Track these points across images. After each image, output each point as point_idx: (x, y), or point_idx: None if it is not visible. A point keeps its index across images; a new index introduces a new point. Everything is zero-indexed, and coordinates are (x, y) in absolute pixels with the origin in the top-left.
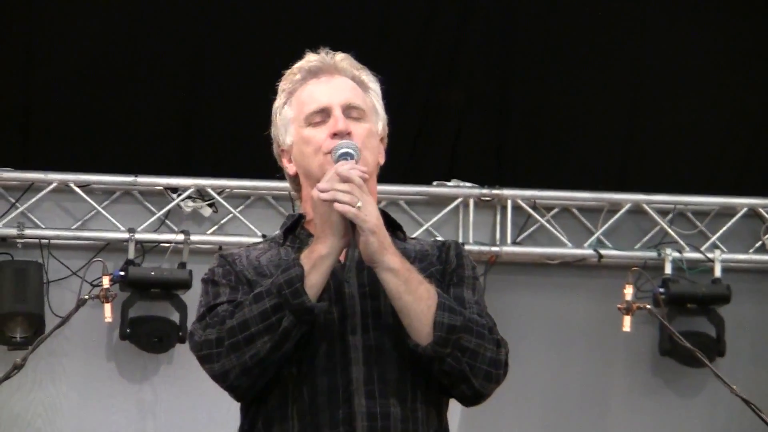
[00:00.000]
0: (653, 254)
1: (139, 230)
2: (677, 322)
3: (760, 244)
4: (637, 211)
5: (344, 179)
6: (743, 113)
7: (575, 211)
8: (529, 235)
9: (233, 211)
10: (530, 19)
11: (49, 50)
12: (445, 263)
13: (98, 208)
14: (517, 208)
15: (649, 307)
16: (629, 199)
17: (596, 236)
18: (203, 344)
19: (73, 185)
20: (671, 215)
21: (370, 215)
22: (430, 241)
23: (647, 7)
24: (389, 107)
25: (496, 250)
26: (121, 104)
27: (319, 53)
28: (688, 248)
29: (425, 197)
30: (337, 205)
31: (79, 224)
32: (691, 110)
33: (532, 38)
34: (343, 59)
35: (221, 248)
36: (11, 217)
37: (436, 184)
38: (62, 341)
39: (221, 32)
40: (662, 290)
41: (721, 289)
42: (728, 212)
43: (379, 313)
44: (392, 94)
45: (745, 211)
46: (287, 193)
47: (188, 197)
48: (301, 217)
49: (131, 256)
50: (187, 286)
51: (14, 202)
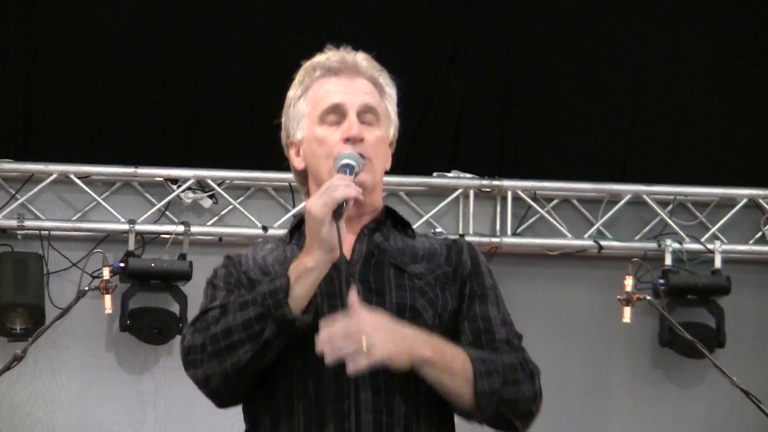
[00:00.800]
0: (653, 245)
1: (139, 221)
2: (677, 313)
3: (760, 234)
4: (637, 201)
5: (344, 335)
6: (744, 104)
7: (575, 202)
8: (529, 226)
9: (233, 202)
10: (531, 10)
11: (50, 42)
12: (455, 265)
13: (98, 199)
14: (517, 199)
15: (649, 298)
16: (629, 189)
17: (596, 227)
18: (189, 349)
19: (73, 176)
20: (671, 206)
21: (380, 348)
22: (439, 238)
23: None
24: None
25: (496, 241)
26: (121, 95)
27: (339, 50)
28: (688, 239)
29: (426, 188)
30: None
31: (79, 215)
32: (691, 101)
33: (533, 30)
34: (364, 59)
35: (221, 239)
36: (11, 208)
37: (436, 175)
38: (62, 332)
39: (222, 24)
40: (662, 281)
41: (721, 280)
42: (728, 203)
43: (383, 310)
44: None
45: (745, 201)
46: (287, 184)
47: (188, 188)
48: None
49: (131, 247)
50: (187, 277)
51: (14, 193)
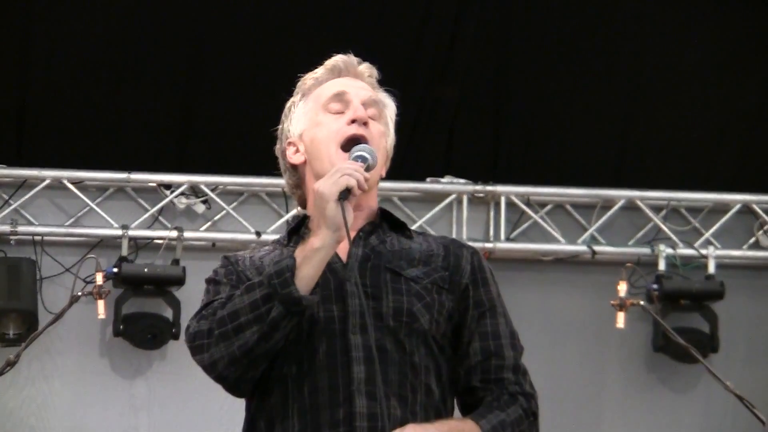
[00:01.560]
0: (647, 250)
1: (132, 227)
2: (671, 318)
3: (753, 240)
4: (630, 207)
5: None
6: (737, 110)
7: (569, 207)
8: (522, 231)
9: (226, 207)
10: (525, 16)
11: (44, 48)
12: (453, 270)
13: (91, 204)
14: (510, 204)
15: (642, 303)
16: (623, 195)
17: (590, 232)
18: (195, 335)
19: (66, 182)
20: (665, 211)
21: None
22: (437, 237)
23: (643, 4)
24: None
25: (489, 246)
26: (114, 101)
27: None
28: (681, 244)
29: (419, 193)
30: None
31: (72, 221)
32: (685, 107)
33: (526, 35)
34: (367, 68)
35: (214, 245)
36: (4, 213)
37: (429, 180)
38: (55, 338)
39: (216, 29)
40: (656, 286)
41: (714, 285)
42: (722, 208)
43: (380, 314)
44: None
45: (738, 207)
46: (281, 189)
47: (181, 194)
48: (305, 217)
49: (124, 252)
50: (180, 282)
51: (7, 198)
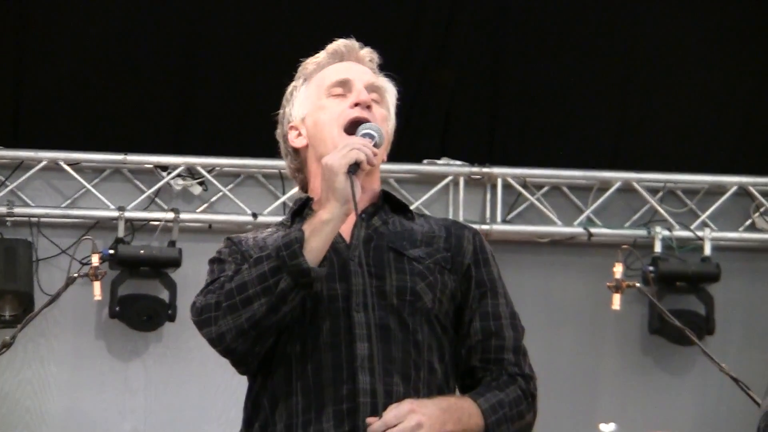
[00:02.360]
0: (643, 232)
1: (128, 208)
2: (667, 300)
3: (750, 222)
4: (627, 189)
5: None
6: (734, 92)
7: (565, 189)
8: (519, 213)
9: (223, 189)
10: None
11: (41, 29)
12: (455, 251)
13: (88, 186)
14: (507, 186)
15: (638, 285)
16: (619, 177)
17: (586, 214)
18: (203, 308)
19: (62, 163)
20: (661, 193)
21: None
22: (439, 219)
23: None
24: None
25: (486, 228)
26: (111, 82)
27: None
28: (678, 226)
29: (415, 175)
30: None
31: (68, 202)
32: (681, 89)
33: (523, 18)
34: (368, 53)
35: (211, 227)
36: (1, 195)
37: (426, 162)
38: (51, 320)
39: (212, 11)
40: (652, 268)
41: (710, 267)
42: (718, 190)
43: (383, 293)
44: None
45: (735, 189)
46: (277, 171)
47: (178, 175)
48: (308, 199)
49: (121, 234)
50: (176, 264)
51: (4, 180)
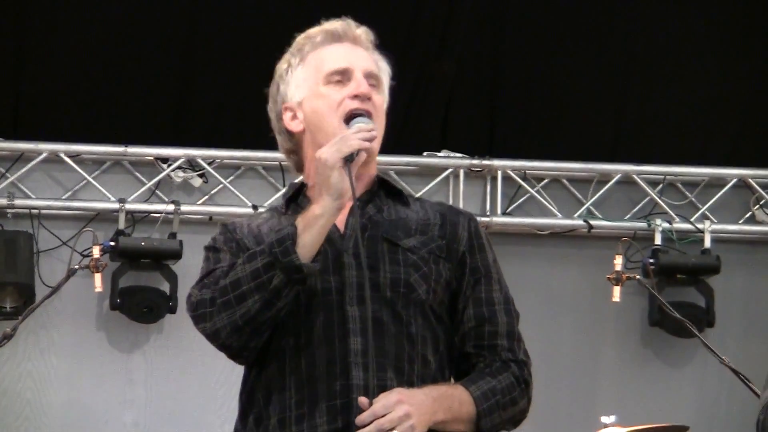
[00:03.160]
0: (643, 225)
1: (129, 200)
2: (667, 292)
3: (749, 214)
4: (627, 181)
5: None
6: (734, 84)
7: (565, 181)
8: (519, 205)
9: (223, 181)
10: None
11: (40, 21)
12: (450, 239)
13: (88, 178)
14: (507, 178)
15: (638, 277)
16: (619, 169)
17: (586, 207)
18: (198, 304)
19: (63, 155)
20: (661, 186)
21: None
22: (434, 204)
23: None
24: None
25: (486, 220)
26: (111, 74)
27: (340, 21)
28: (678, 219)
29: (416, 168)
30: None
31: (69, 194)
32: (682, 81)
33: (523, 10)
34: (364, 32)
35: (211, 218)
36: (1, 187)
37: (426, 154)
38: (52, 311)
39: (213, 3)
40: (652, 261)
41: (710, 259)
42: (718, 183)
43: (377, 285)
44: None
45: (735, 181)
46: (277, 163)
47: (179, 167)
48: (303, 185)
49: (121, 226)
50: (177, 256)
51: (5, 172)
